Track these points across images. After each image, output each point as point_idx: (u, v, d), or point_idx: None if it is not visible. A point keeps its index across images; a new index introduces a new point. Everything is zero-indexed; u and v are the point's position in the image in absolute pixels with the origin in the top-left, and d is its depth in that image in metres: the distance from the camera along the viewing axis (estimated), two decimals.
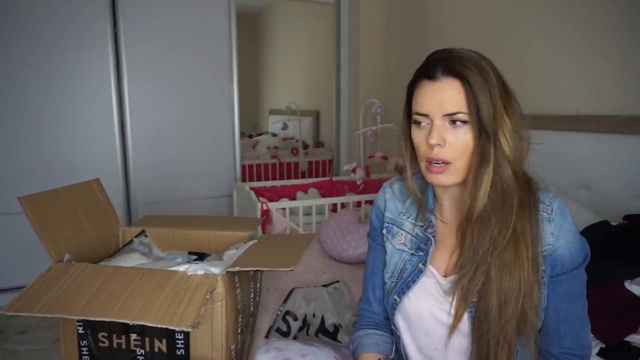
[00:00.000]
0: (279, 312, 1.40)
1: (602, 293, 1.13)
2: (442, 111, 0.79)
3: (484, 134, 0.78)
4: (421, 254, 0.91)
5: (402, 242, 0.94)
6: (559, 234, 0.80)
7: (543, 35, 2.10)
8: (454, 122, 0.79)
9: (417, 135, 0.83)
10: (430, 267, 0.90)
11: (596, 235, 1.37)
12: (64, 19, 2.54)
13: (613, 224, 1.46)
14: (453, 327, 0.84)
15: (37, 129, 2.56)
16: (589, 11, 1.90)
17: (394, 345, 1.00)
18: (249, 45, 4.24)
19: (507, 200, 0.79)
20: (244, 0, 3.23)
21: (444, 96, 0.78)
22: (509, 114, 0.79)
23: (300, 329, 1.35)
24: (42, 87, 2.54)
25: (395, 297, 0.92)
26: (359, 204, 2.58)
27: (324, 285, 1.59)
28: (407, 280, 0.91)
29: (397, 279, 0.93)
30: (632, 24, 1.75)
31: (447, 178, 0.82)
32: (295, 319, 1.37)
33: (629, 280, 1.20)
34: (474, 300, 0.81)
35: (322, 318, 1.37)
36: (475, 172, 0.80)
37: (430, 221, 0.92)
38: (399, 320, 0.93)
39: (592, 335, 0.89)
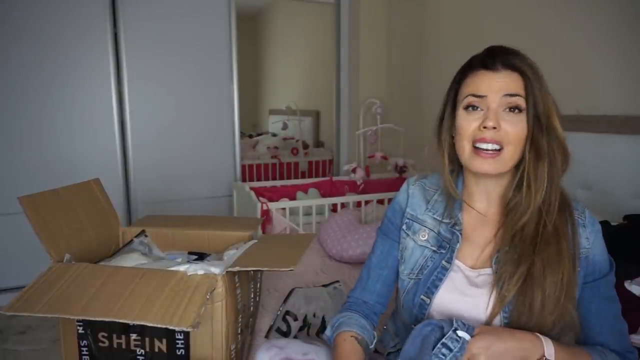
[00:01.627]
0: (279, 312, 1.40)
1: None
2: (502, 92, 0.80)
3: (537, 126, 0.80)
4: (443, 251, 0.90)
5: (425, 238, 0.93)
6: (594, 240, 0.85)
7: (542, 35, 2.10)
8: (511, 108, 0.80)
9: (467, 119, 0.83)
10: (456, 261, 0.89)
11: None
12: (64, 19, 2.54)
13: (613, 224, 1.46)
14: (489, 323, 0.83)
15: (37, 129, 2.56)
16: (589, 11, 1.90)
17: (375, 340, 0.97)
18: (249, 45, 4.25)
19: (555, 193, 0.82)
20: (244, 0, 3.23)
21: (504, 82, 0.81)
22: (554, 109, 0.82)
23: (301, 329, 1.35)
24: (42, 87, 2.54)
25: (424, 297, 0.89)
26: (359, 204, 2.57)
27: (324, 285, 1.59)
28: (433, 279, 0.89)
29: (416, 275, 0.92)
30: (632, 24, 1.75)
31: (495, 167, 0.82)
32: (296, 319, 1.37)
33: (629, 281, 1.20)
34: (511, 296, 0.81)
35: (323, 318, 1.37)
36: (534, 170, 0.81)
37: (458, 218, 0.91)
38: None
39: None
